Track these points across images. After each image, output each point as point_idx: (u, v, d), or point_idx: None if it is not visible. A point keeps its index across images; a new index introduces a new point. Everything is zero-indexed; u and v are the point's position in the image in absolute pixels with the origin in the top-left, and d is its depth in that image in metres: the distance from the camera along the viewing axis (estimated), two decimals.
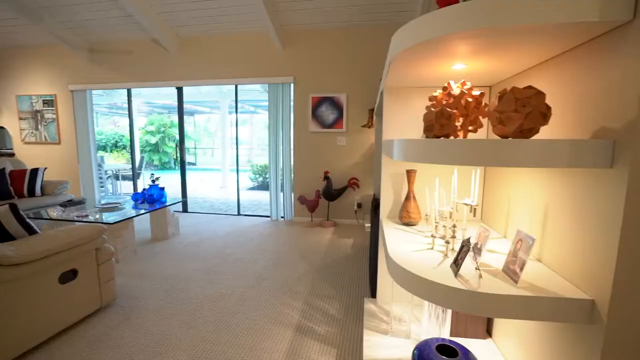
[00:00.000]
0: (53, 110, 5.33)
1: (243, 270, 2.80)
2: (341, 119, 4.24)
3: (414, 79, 1.53)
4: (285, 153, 4.46)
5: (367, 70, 4.13)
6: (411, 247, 1.30)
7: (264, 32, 4.28)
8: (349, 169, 4.34)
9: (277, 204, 4.54)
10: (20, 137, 5.56)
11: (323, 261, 3.04)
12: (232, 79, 4.52)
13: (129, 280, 2.58)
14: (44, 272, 1.76)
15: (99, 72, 5.04)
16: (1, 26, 4.71)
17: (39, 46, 5.15)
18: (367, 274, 2.76)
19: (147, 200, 3.53)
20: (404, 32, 1.02)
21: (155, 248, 3.36)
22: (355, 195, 4.34)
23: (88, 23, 4.48)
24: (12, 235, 1.79)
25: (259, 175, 8.11)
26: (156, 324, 1.98)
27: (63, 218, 3.00)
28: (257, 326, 1.98)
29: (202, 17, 4.16)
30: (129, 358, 1.68)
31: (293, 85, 4.35)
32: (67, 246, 1.82)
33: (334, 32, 4.17)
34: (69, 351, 1.74)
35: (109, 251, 2.16)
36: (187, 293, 2.38)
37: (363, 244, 3.56)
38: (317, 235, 3.85)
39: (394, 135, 1.79)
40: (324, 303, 2.26)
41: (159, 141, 12.11)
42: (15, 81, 5.41)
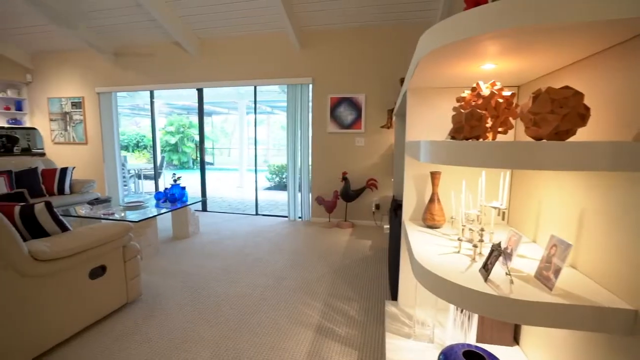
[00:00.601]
0: (81, 112, 5.55)
1: (262, 270, 2.83)
2: (360, 120, 4.23)
3: (440, 80, 1.51)
4: (303, 153, 4.48)
5: (386, 71, 4.10)
6: (437, 250, 1.28)
7: (283, 34, 4.31)
8: (367, 169, 4.31)
9: (295, 204, 4.56)
10: (50, 137, 5.81)
11: (342, 262, 3.03)
12: (251, 80, 4.58)
13: (152, 277, 2.65)
14: (76, 268, 1.83)
15: (124, 74, 5.20)
16: (36, 32, 4.93)
17: (69, 50, 5.37)
18: (386, 276, 2.74)
19: (169, 199, 3.61)
20: (434, 32, 1.01)
21: (176, 246, 3.45)
22: (373, 197, 4.31)
23: (114, 28, 4.64)
24: (46, 231, 1.87)
25: (275, 176, 8.18)
26: (180, 321, 2.03)
27: (91, 216, 3.11)
28: (277, 326, 1.99)
29: (222, 20, 4.23)
30: (155, 354, 1.73)
31: (312, 85, 4.36)
32: (97, 243, 1.89)
33: (352, 32, 4.16)
34: (98, 345, 1.80)
35: (135, 249, 2.23)
36: (208, 291, 2.43)
37: (381, 245, 3.53)
38: (335, 236, 3.85)
39: (417, 136, 1.77)
40: (344, 304, 2.25)
41: (178, 141, 12.41)
42: (47, 84, 5.66)
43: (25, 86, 5.77)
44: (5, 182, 3.79)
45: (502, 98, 1.14)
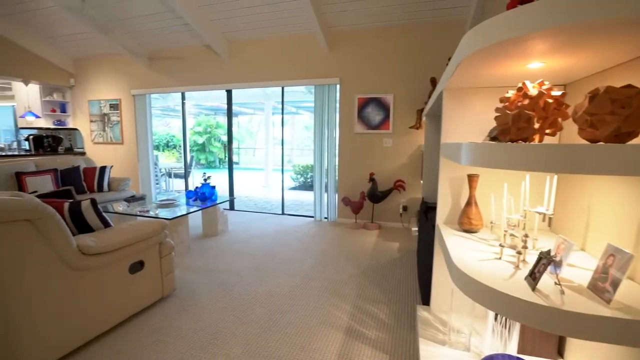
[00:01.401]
0: (118, 113, 5.83)
1: (291, 270, 2.85)
2: (387, 120, 4.17)
3: (480, 79, 1.46)
4: (330, 154, 4.48)
5: (415, 70, 4.02)
6: (476, 256, 1.24)
7: (311, 34, 4.33)
8: (394, 170, 4.25)
9: (321, 204, 4.57)
10: (90, 137, 6.15)
11: (369, 264, 3.00)
12: (279, 81, 4.64)
13: (184, 273, 2.74)
14: (118, 262, 1.92)
15: (157, 77, 5.42)
16: (78, 39, 5.24)
17: (107, 55, 5.66)
18: (415, 279, 2.68)
19: (199, 198, 3.72)
20: (481, 31, 0.97)
21: (206, 244, 3.54)
22: (401, 198, 4.24)
23: (149, 33, 4.84)
24: (91, 227, 1.98)
25: (300, 176, 8.23)
26: (212, 317, 2.08)
27: (128, 212, 3.26)
28: (307, 326, 2.00)
29: (251, 22, 4.30)
30: (189, 348, 1.78)
31: (339, 86, 4.35)
32: (137, 239, 1.98)
33: (380, 31, 4.11)
34: (137, 336, 1.88)
35: (170, 245, 2.31)
36: (238, 289, 2.48)
37: (409, 248, 3.46)
38: (362, 237, 3.82)
39: (454, 137, 1.72)
40: (373, 307, 2.23)
41: (205, 141, 12.77)
42: (87, 87, 5.99)
43: (69, 90, 6.14)
44: (52, 179, 4.05)
45: (551, 98, 1.08)
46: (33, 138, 6.04)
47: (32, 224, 1.50)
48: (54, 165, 4.28)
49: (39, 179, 3.94)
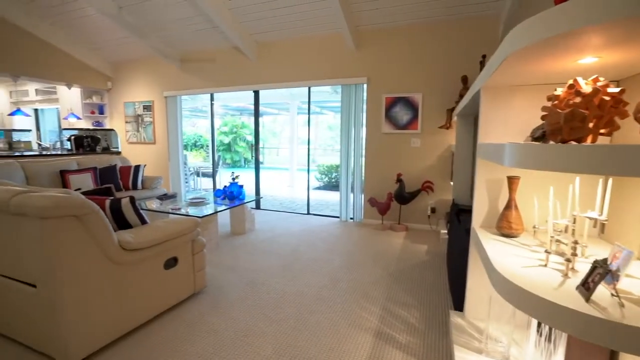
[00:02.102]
0: (150, 114, 6.08)
1: (318, 270, 2.85)
2: (416, 120, 4.08)
3: (522, 77, 1.39)
4: (356, 154, 4.44)
5: (445, 68, 3.91)
6: (519, 262, 1.18)
7: (338, 34, 4.31)
8: (422, 171, 4.16)
9: (347, 204, 4.55)
10: (125, 137, 6.45)
11: (397, 266, 2.95)
12: (306, 81, 4.65)
13: (214, 270, 2.80)
14: (153, 258, 1.99)
15: (188, 79, 5.59)
16: (116, 44, 5.51)
17: (142, 59, 5.91)
18: (446, 283, 2.60)
19: (227, 196, 3.80)
20: (531, 26, 0.92)
21: (234, 242, 3.61)
22: (429, 200, 4.13)
23: (181, 36, 5.00)
24: (129, 223, 2.06)
25: (324, 175, 8.24)
26: (242, 314, 2.12)
27: (161, 210, 3.39)
28: (336, 327, 1.99)
29: (279, 23, 4.35)
30: (221, 344, 1.82)
31: (366, 85, 4.31)
32: (172, 236, 2.04)
33: (408, 29, 4.03)
34: (171, 330, 1.94)
35: (202, 243, 2.37)
36: (267, 287, 2.51)
37: (438, 251, 3.37)
38: (389, 239, 3.76)
39: (491, 138, 1.65)
40: (403, 311, 2.18)
41: (231, 141, 13.06)
42: (123, 90, 6.29)
43: (106, 92, 6.47)
44: (92, 177, 4.28)
45: (608, 95, 1.00)
46: (74, 138, 6.41)
47: (79, 220, 1.58)
48: (93, 164, 4.52)
49: (81, 177, 4.17)
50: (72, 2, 4.49)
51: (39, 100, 7.30)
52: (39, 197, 1.48)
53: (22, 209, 1.46)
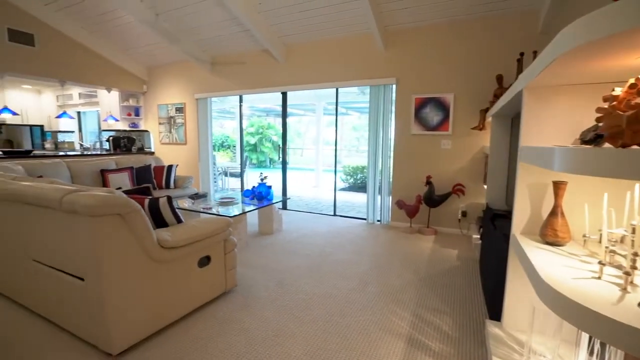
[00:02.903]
0: (182, 116, 6.30)
1: (346, 272, 2.84)
2: (447, 121, 3.97)
3: (571, 76, 1.31)
4: (384, 155, 4.39)
5: (478, 68, 3.77)
6: (568, 273, 1.11)
7: (367, 34, 4.28)
8: (453, 174, 4.03)
9: (374, 206, 4.50)
10: (158, 138, 6.73)
11: (427, 271, 2.88)
12: (334, 82, 4.65)
13: (243, 269, 2.86)
14: (188, 256, 2.05)
15: (218, 81, 5.75)
16: (151, 49, 5.76)
17: (175, 63, 6.14)
18: (479, 290, 2.51)
19: (256, 197, 3.87)
20: (590, 22, 0.86)
21: (262, 242, 3.67)
22: (460, 203, 4.01)
23: (212, 40, 5.15)
24: (166, 222, 2.14)
25: (350, 177, 8.20)
26: (272, 315, 2.14)
27: (193, 209, 3.49)
28: (366, 331, 1.97)
29: (308, 25, 4.37)
30: (252, 344, 1.85)
31: (395, 86, 4.24)
32: (206, 235, 2.10)
33: (439, 28, 3.93)
34: (204, 327, 2.00)
35: (233, 242, 2.42)
36: (296, 288, 2.52)
37: (470, 256, 3.26)
38: (417, 243, 3.68)
39: (534, 140, 1.57)
40: (435, 317, 2.13)
41: (257, 142, 13.30)
42: (157, 92, 6.56)
43: (142, 95, 6.78)
44: (129, 176, 4.49)
45: None
46: (112, 139, 6.76)
47: (123, 218, 1.66)
48: (129, 164, 4.74)
49: (119, 176, 4.39)
50: (113, 11, 4.74)
51: (82, 104, 7.76)
52: (87, 196, 1.56)
53: (73, 207, 1.55)
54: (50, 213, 1.75)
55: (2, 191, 1.95)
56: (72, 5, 4.77)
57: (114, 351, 1.70)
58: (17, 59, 4.82)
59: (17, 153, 5.54)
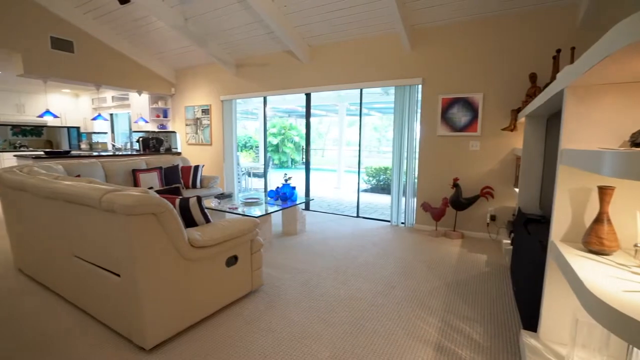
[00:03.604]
0: (208, 118, 6.46)
1: (371, 275, 2.81)
2: (475, 122, 3.85)
3: (621, 74, 1.23)
4: (409, 157, 4.31)
5: (509, 66, 3.63)
6: (618, 285, 1.04)
7: (392, 35, 4.23)
8: (481, 176, 3.91)
9: (399, 209, 4.43)
10: (185, 139, 6.93)
11: (455, 276, 2.80)
12: (358, 83, 4.62)
13: (268, 269, 2.88)
14: (217, 255, 2.10)
15: (242, 83, 5.85)
16: (179, 53, 5.95)
17: (201, 65, 6.31)
18: (511, 298, 2.41)
19: (280, 197, 3.90)
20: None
21: (286, 242, 3.69)
22: (488, 206, 3.87)
23: (238, 42, 5.25)
24: (195, 222, 2.20)
25: (372, 178, 8.12)
26: (298, 315, 2.15)
27: (219, 209, 3.57)
28: (393, 336, 1.93)
29: (333, 26, 4.37)
30: (279, 344, 1.86)
31: (421, 86, 4.16)
32: (234, 235, 2.14)
33: (468, 26, 3.81)
34: (231, 325, 2.03)
35: (259, 242, 2.45)
36: (321, 289, 2.52)
37: (500, 262, 3.14)
38: (444, 246, 3.59)
39: (576, 143, 1.48)
40: (464, 325, 2.06)
41: (279, 142, 13.44)
42: (184, 95, 6.76)
43: (170, 97, 7.01)
44: (158, 176, 4.65)
45: None
46: (142, 140, 7.04)
47: (156, 217, 1.72)
48: (159, 164, 4.91)
49: (149, 175, 4.55)
50: (145, 17, 4.93)
51: (114, 106, 8.13)
52: (125, 195, 1.63)
53: (111, 206, 1.62)
54: (90, 211, 1.84)
55: (47, 190, 2.07)
56: (108, 13, 5.00)
57: (147, 346, 1.76)
58: (58, 65, 5.11)
59: (57, 153, 5.87)
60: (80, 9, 5.04)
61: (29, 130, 8.71)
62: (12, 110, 7.71)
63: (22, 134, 8.57)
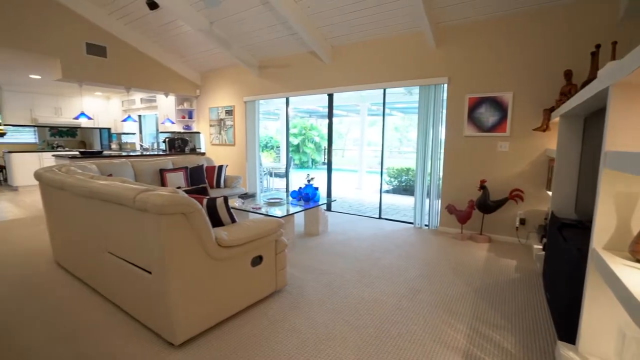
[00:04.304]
0: (232, 118, 6.58)
1: (395, 278, 2.76)
2: (504, 121, 3.71)
3: None
4: (433, 157, 4.21)
5: (542, 63, 3.47)
6: None
7: (417, 33, 4.15)
8: (510, 178, 3.76)
9: (422, 210, 4.34)
10: (209, 139, 7.09)
11: (482, 281, 2.71)
12: (381, 83, 4.57)
13: (291, 269, 2.89)
14: (243, 255, 2.12)
15: (265, 84, 5.92)
16: (205, 56, 6.10)
17: (225, 67, 6.44)
18: (544, 307, 2.30)
19: (303, 198, 3.91)
20: None
21: (309, 242, 3.70)
22: (518, 210, 3.72)
23: (261, 44, 5.31)
24: (222, 221, 2.23)
25: (394, 179, 8.01)
26: (322, 317, 2.14)
27: (242, 208, 3.62)
28: (420, 342, 1.89)
29: (356, 26, 4.34)
30: (304, 345, 1.86)
31: (447, 85, 4.06)
32: (259, 235, 2.16)
33: (497, 22, 3.68)
34: (256, 324, 2.05)
35: (284, 243, 2.46)
36: (344, 291, 2.50)
37: (531, 268, 3.01)
38: (470, 250, 3.49)
39: (622, 145, 1.39)
40: (494, 333, 1.99)
41: (300, 142, 13.52)
42: (209, 96, 6.93)
43: (195, 99, 7.20)
44: (184, 175, 4.78)
45: None
46: (168, 140, 7.27)
47: (186, 217, 1.76)
48: (184, 164, 5.05)
49: (175, 175, 4.69)
50: (172, 22, 5.09)
51: (142, 108, 8.43)
52: (157, 195, 1.68)
53: (144, 205, 1.67)
54: (124, 210, 1.91)
55: (84, 189, 2.17)
56: (139, 19, 5.20)
57: (176, 341, 1.80)
58: (92, 69, 5.37)
59: (90, 153, 6.16)
60: (113, 15, 5.26)
61: (65, 131, 9.21)
62: (51, 113, 8.17)
63: (58, 134, 9.07)
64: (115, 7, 5.04)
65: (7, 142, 8.01)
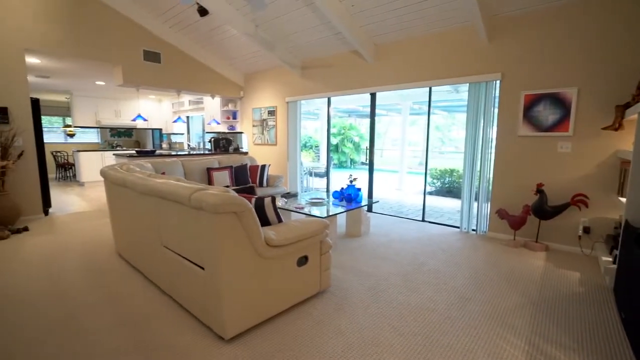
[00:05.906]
0: (274, 119, 6.72)
1: (441, 284, 2.65)
2: (567, 120, 3.40)
3: None
4: (483, 159, 3.98)
5: (612, 55, 3.13)
6: None
7: (466, 27, 3.94)
8: (572, 182, 3.44)
9: (470, 214, 4.12)
10: (252, 139, 7.31)
11: (541, 294, 2.50)
12: (426, 81, 4.40)
13: (335, 271, 2.88)
14: (289, 255, 2.15)
15: (307, 84, 5.96)
16: (249, 58, 6.29)
17: (268, 69, 6.59)
18: (617, 326, 2.07)
19: (345, 198, 3.89)
20: None
21: (350, 244, 3.67)
22: (581, 217, 3.40)
23: (304, 45, 5.36)
24: (269, 221, 2.28)
25: (437, 180, 7.71)
26: (367, 321, 2.11)
27: (286, 208, 3.68)
28: (472, 355, 1.79)
29: (400, 23, 4.22)
30: (350, 348, 1.83)
31: (499, 82, 3.81)
32: (306, 236, 2.17)
33: (558, 11, 3.37)
34: (302, 324, 2.06)
35: (328, 244, 2.46)
36: (388, 295, 2.44)
37: (598, 282, 2.73)
38: (524, 259, 3.25)
39: None
40: (558, 352, 1.82)
41: (339, 142, 13.50)
42: (252, 97, 7.14)
43: (239, 100, 7.46)
44: (229, 174, 4.97)
45: None
46: (213, 140, 7.61)
47: (237, 216, 1.81)
48: (229, 163, 5.24)
49: (221, 174, 4.88)
50: (220, 27, 5.31)
51: (190, 109, 8.91)
52: (211, 194, 1.74)
53: (199, 204, 1.75)
54: (179, 207, 2.01)
55: (143, 187, 2.32)
56: (189, 25, 5.49)
57: (226, 336, 1.87)
58: (148, 74, 5.77)
59: (145, 152, 6.63)
60: (167, 23, 5.61)
61: (123, 132, 10.01)
62: (111, 115, 8.93)
63: (117, 135, 9.88)
64: (169, 16, 5.37)
65: (76, 142, 8.92)
